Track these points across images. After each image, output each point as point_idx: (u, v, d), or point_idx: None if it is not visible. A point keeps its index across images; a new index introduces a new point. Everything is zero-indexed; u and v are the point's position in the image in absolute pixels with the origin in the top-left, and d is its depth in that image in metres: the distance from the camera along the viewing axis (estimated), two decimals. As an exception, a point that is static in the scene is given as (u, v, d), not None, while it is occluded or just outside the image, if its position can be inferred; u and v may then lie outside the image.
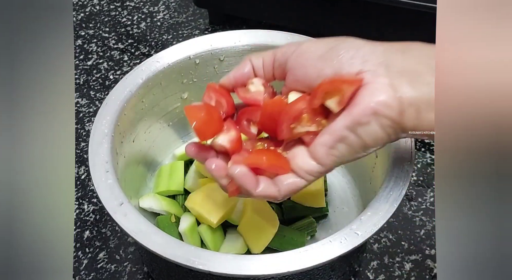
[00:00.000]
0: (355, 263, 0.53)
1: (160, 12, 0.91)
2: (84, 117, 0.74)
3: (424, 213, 0.60)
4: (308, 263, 0.39)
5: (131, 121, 0.53)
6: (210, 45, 0.57)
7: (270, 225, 0.52)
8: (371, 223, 0.41)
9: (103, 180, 0.45)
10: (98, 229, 0.61)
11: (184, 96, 0.59)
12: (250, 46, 0.58)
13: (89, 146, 0.48)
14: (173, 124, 0.61)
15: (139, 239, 0.41)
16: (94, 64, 0.82)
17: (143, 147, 0.57)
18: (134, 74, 0.54)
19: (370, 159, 0.53)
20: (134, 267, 0.57)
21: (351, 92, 0.36)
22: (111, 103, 0.51)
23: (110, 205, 0.43)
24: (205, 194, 0.53)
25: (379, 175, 0.49)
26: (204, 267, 0.39)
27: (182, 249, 0.40)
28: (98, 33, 0.87)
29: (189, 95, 0.60)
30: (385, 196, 0.43)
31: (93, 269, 0.57)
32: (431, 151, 0.67)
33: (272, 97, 0.42)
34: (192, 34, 0.86)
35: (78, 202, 0.63)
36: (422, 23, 0.67)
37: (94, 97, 0.76)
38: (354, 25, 0.73)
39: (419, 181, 0.64)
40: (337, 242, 0.40)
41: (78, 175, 0.67)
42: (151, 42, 0.85)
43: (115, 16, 0.91)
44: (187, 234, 0.52)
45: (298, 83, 0.40)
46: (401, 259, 0.57)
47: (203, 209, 0.52)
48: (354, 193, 0.58)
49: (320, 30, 0.74)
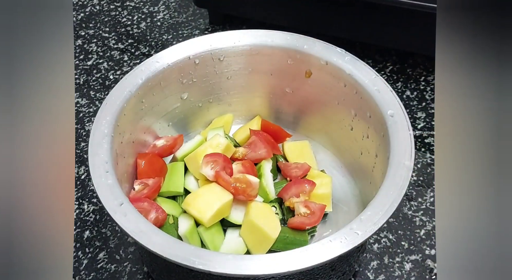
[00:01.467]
0: (355, 263, 0.53)
1: (160, 12, 0.91)
2: (84, 117, 0.74)
3: (424, 213, 0.60)
4: (308, 263, 0.39)
5: (131, 121, 0.53)
6: (210, 45, 0.57)
7: (272, 231, 0.51)
8: (371, 223, 0.41)
9: (103, 180, 0.45)
10: (98, 229, 0.61)
11: (184, 96, 0.59)
12: (250, 46, 0.58)
13: (89, 146, 0.48)
14: (173, 124, 0.61)
15: (139, 239, 0.41)
16: (94, 64, 0.82)
17: (143, 147, 0.57)
18: (134, 74, 0.54)
19: (370, 159, 0.53)
20: (134, 267, 0.57)
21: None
22: (111, 103, 0.51)
23: (110, 205, 0.43)
24: (198, 194, 0.53)
25: (379, 175, 0.49)
26: (204, 267, 0.39)
27: (182, 249, 0.40)
28: (98, 33, 0.87)
29: (189, 95, 0.60)
30: (385, 196, 0.43)
31: (93, 269, 0.57)
32: (431, 151, 0.67)
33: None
34: (192, 34, 0.86)
35: (78, 202, 0.63)
36: (422, 23, 0.67)
37: (94, 97, 0.76)
38: (354, 25, 0.73)
39: (419, 181, 0.64)
40: (337, 242, 0.40)
41: (78, 175, 0.67)
42: (151, 42, 0.85)
43: (115, 16, 0.91)
44: (187, 236, 0.52)
45: None
46: (401, 259, 0.57)
47: (195, 209, 0.52)
48: (354, 193, 0.58)
49: (320, 30, 0.74)
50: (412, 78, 0.76)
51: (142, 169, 0.54)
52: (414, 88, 0.74)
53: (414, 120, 0.70)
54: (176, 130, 0.61)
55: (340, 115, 0.57)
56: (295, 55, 0.57)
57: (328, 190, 0.56)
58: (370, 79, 0.52)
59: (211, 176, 0.53)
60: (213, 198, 0.52)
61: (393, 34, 0.71)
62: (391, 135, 0.48)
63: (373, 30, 0.72)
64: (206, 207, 0.51)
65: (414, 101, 0.73)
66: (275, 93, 0.62)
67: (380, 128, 0.50)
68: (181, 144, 0.59)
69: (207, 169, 0.53)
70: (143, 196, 0.52)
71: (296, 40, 0.57)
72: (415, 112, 0.71)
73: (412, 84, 0.75)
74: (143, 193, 0.53)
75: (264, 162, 0.58)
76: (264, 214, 0.53)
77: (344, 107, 0.56)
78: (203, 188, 0.54)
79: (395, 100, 0.50)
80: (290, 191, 0.55)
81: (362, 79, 0.52)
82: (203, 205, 0.52)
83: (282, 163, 0.60)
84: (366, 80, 0.52)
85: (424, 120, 0.70)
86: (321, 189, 0.56)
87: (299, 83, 0.59)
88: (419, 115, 0.71)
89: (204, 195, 0.53)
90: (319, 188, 0.56)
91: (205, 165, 0.53)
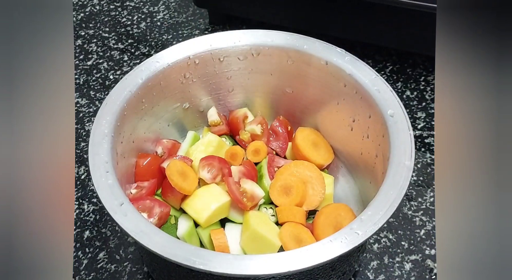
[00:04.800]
0: (355, 263, 0.53)
1: (160, 12, 0.91)
2: (84, 117, 0.74)
3: (424, 213, 0.60)
4: (308, 263, 0.39)
5: (131, 121, 0.53)
6: (210, 45, 0.57)
7: (276, 239, 0.50)
8: (371, 223, 0.41)
9: (103, 180, 0.45)
10: (98, 229, 0.61)
11: (184, 96, 0.59)
12: (250, 46, 0.58)
13: (89, 146, 0.48)
14: (173, 124, 0.61)
15: (139, 239, 0.41)
16: (94, 64, 0.82)
17: (143, 147, 0.57)
18: (134, 74, 0.54)
19: (370, 159, 0.53)
20: (134, 267, 0.57)
21: None
22: (111, 103, 0.51)
23: (110, 205, 0.43)
24: (196, 195, 0.53)
25: (379, 175, 0.49)
26: (204, 267, 0.39)
27: (182, 249, 0.40)
28: (98, 33, 0.87)
29: (189, 96, 0.60)
30: (385, 196, 0.43)
31: (93, 269, 0.57)
32: (431, 151, 0.67)
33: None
34: (192, 34, 0.86)
35: (78, 202, 0.63)
36: (422, 23, 0.67)
37: (94, 97, 0.76)
38: (353, 25, 0.73)
39: (419, 181, 0.64)
40: (338, 242, 0.40)
41: (78, 175, 0.67)
42: (151, 42, 0.85)
43: (115, 16, 0.91)
44: (185, 239, 0.52)
45: None
46: (401, 259, 0.57)
47: (192, 209, 0.52)
48: (354, 193, 0.58)
49: (320, 30, 0.74)
50: (412, 78, 0.76)
51: (141, 169, 0.54)
52: (414, 88, 0.74)
53: (414, 120, 0.70)
54: (176, 130, 0.62)
55: (340, 116, 0.57)
56: (295, 55, 0.57)
57: (330, 190, 0.56)
58: (370, 79, 0.52)
59: (209, 179, 0.54)
60: (210, 199, 0.52)
61: (393, 34, 0.71)
62: (391, 135, 0.48)
63: (373, 30, 0.72)
64: (203, 208, 0.51)
65: (414, 101, 0.73)
66: (275, 93, 0.62)
67: (380, 128, 0.50)
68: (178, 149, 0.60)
69: (204, 172, 0.54)
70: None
71: (296, 40, 0.57)
72: (415, 112, 0.71)
73: (412, 84, 0.75)
74: (142, 194, 0.53)
75: (265, 161, 0.58)
76: (264, 222, 0.52)
77: (344, 107, 0.56)
78: (202, 188, 0.54)
79: (395, 100, 0.50)
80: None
81: (362, 79, 0.52)
82: (200, 206, 0.52)
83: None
84: (366, 80, 0.52)
85: (424, 120, 0.70)
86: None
87: (299, 83, 0.59)
88: (419, 115, 0.71)
89: (202, 195, 0.53)
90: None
91: (202, 168, 0.54)
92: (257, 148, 0.58)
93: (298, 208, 0.53)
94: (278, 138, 0.61)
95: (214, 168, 0.54)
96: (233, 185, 0.52)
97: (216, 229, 0.53)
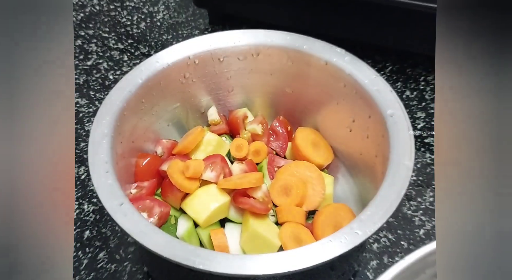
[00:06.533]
0: (354, 262, 0.53)
1: (160, 12, 0.91)
2: (84, 117, 0.74)
3: (424, 213, 0.61)
4: (308, 262, 0.39)
5: (131, 121, 0.53)
6: (209, 45, 0.57)
7: (276, 239, 0.50)
8: (371, 222, 0.41)
9: (103, 180, 0.45)
10: (98, 229, 0.61)
11: (183, 96, 0.59)
12: (249, 46, 0.58)
13: (89, 146, 0.48)
14: (173, 124, 0.61)
15: (139, 239, 0.41)
16: (94, 64, 0.82)
17: (143, 147, 0.57)
18: (133, 74, 0.54)
19: (370, 159, 0.53)
20: (134, 267, 0.57)
21: None
22: (111, 103, 0.51)
23: (110, 205, 0.43)
24: (196, 195, 0.53)
25: (379, 175, 0.49)
26: (204, 266, 0.39)
27: (182, 249, 0.40)
28: (98, 33, 0.87)
29: (189, 95, 0.60)
30: (385, 196, 0.43)
31: (93, 269, 0.57)
32: (431, 151, 0.67)
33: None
34: (192, 34, 0.86)
35: (78, 202, 0.63)
36: (422, 23, 0.67)
37: (94, 97, 0.76)
38: (353, 25, 0.73)
39: (418, 180, 0.64)
40: (337, 241, 0.40)
41: (78, 175, 0.67)
42: (151, 42, 0.85)
43: (115, 16, 0.91)
44: (185, 239, 0.52)
45: None
46: (401, 259, 0.57)
47: (191, 209, 0.52)
48: (354, 193, 0.58)
49: (320, 30, 0.74)
50: (412, 78, 0.76)
51: (141, 169, 0.55)
52: (413, 88, 0.75)
53: (414, 120, 0.70)
54: (176, 130, 0.62)
55: (340, 116, 0.57)
56: (294, 55, 0.57)
57: (330, 190, 0.56)
58: (370, 79, 0.52)
59: (213, 178, 0.54)
60: (210, 199, 0.52)
61: (393, 34, 0.71)
62: (391, 136, 0.48)
63: (373, 30, 0.72)
64: (202, 208, 0.51)
65: (414, 101, 0.73)
66: (275, 93, 0.62)
67: (380, 129, 0.50)
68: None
69: (208, 172, 0.54)
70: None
71: (296, 40, 0.57)
72: (415, 112, 0.71)
73: (411, 84, 0.75)
74: (142, 194, 0.53)
75: (265, 161, 0.58)
76: (264, 222, 0.52)
77: (344, 107, 0.56)
78: (201, 189, 0.54)
79: (395, 100, 0.50)
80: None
81: (362, 79, 0.52)
82: (199, 206, 0.52)
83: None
84: (366, 80, 0.52)
85: (424, 120, 0.70)
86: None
87: (299, 83, 0.59)
88: (419, 115, 0.71)
89: (201, 196, 0.53)
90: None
91: (205, 169, 0.54)
92: (258, 148, 0.58)
93: (298, 208, 0.53)
94: (278, 138, 0.61)
95: (217, 165, 0.54)
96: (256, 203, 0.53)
97: (216, 229, 0.53)
